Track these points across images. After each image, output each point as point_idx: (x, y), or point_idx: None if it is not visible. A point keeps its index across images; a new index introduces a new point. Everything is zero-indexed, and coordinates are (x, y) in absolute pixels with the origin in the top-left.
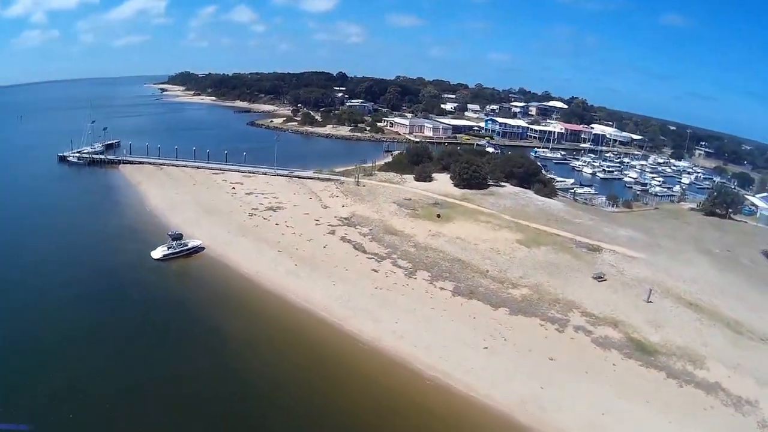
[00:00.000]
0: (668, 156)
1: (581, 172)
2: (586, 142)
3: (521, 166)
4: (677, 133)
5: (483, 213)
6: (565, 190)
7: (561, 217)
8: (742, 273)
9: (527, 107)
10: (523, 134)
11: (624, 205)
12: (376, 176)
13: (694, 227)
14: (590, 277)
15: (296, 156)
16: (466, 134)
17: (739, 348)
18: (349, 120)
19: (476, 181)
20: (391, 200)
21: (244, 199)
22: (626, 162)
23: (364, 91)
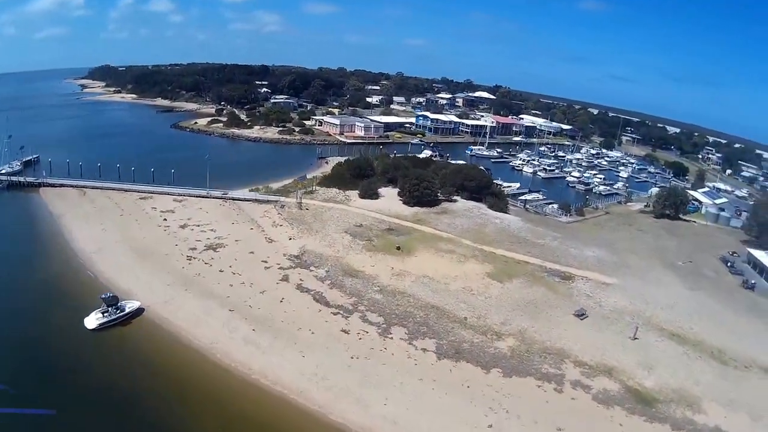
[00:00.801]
0: (599, 144)
1: (521, 172)
2: (518, 135)
3: (473, 178)
4: (603, 119)
5: (442, 239)
6: (514, 197)
7: (523, 238)
8: (710, 288)
9: (454, 99)
10: (455, 129)
11: (577, 212)
12: (317, 193)
13: (651, 236)
14: (571, 314)
15: (226, 168)
16: (397, 132)
17: (729, 381)
18: (276, 120)
19: (427, 198)
20: (342, 228)
21: (179, 234)
22: (561, 156)
23: (287, 85)
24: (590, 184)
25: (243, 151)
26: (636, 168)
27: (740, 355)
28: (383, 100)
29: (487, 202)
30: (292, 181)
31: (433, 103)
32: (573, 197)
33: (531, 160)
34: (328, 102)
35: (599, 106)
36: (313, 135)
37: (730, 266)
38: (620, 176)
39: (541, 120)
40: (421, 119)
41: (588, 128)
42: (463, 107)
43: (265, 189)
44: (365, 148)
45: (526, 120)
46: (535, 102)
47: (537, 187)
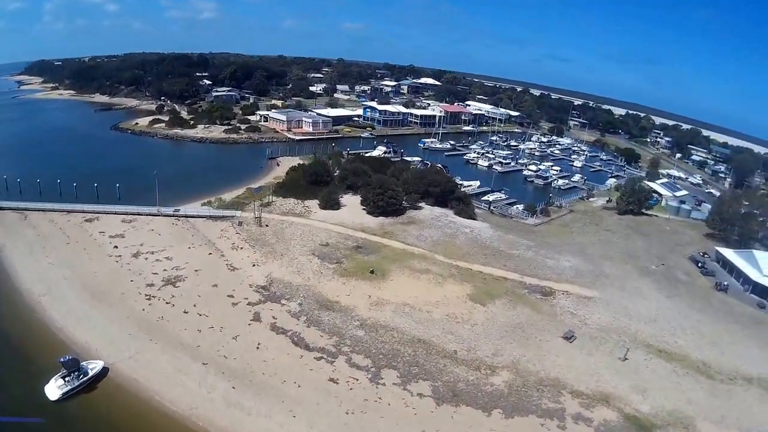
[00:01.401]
0: (548, 131)
1: (476, 165)
2: (467, 124)
3: (437, 184)
4: (550, 103)
5: (414, 255)
6: (476, 197)
7: (496, 248)
8: (686, 294)
9: (399, 86)
10: (404, 121)
11: (542, 212)
12: (274, 205)
13: (620, 236)
14: (559, 337)
15: (174, 177)
16: (346, 126)
17: (718, 397)
18: (220, 117)
19: (393, 208)
20: (308, 248)
21: (133, 266)
22: (514, 145)
23: (228, 76)
24: (548, 178)
25: (189, 155)
26: (588, 156)
27: (724, 367)
28: (327, 89)
29: (453, 208)
30: (245, 190)
31: (378, 92)
32: (532, 192)
33: (486, 153)
34: (270, 92)
35: (541, 87)
36: (260, 133)
37: (701, 267)
38: (574, 166)
39: (489, 106)
40: (369, 111)
41: (536, 114)
42: (408, 94)
43: (218, 202)
44: (317, 146)
45: (473, 107)
46: (479, 87)
47: (494, 183)
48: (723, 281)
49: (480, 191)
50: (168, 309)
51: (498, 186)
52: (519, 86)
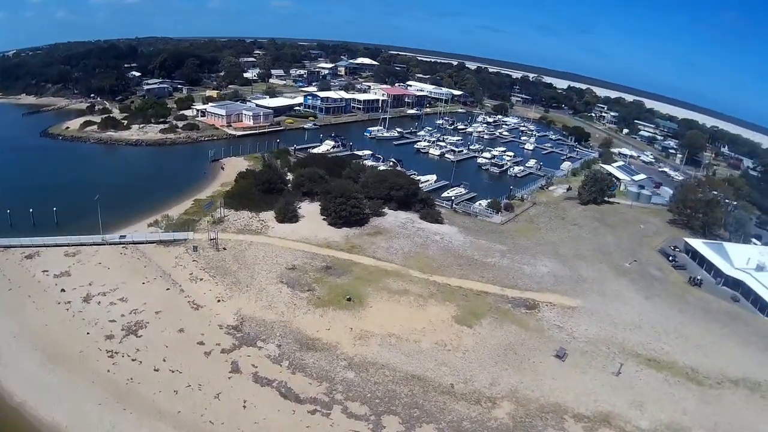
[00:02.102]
0: (492, 110)
1: (428, 155)
2: (411, 107)
3: (400, 187)
4: (490, 80)
5: (388, 273)
6: (434, 193)
7: (470, 257)
8: (663, 293)
9: (336, 68)
10: (347, 107)
11: (506, 208)
12: (228, 221)
13: (588, 231)
14: (552, 356)
15: (114, 192)
16: (288, 117)
17: (709, 404)
18: (155, 115)
19: (356, 217)
20: (274, 275)
21: (86, 313)
22: (462, 128)
23: (158, 66)
24: (503, 166)
25: (127, 162)
26: (537, 136)
27: (710, 371)
28: (261, 74)
29: (418, 212)
30: (192, 203)
31: (314, 75)
32: (488, 182)
33: (437, 141)
34: (203, 81)
35: (477, 59)
36: (198, 130)
37: (672, 260)
38: (526, 149)
39: (431, 86)
40: (310, 99)
41: (479, 92)
42: (346, 76)
43: (165, 221)
44: (259, 142)
45: (415, 87)
46: (416, 64)
47: (453, 176)
48: (696, 275)
49: (438, 186)
50: (136, 367)
51: (454, 178)
52: (454, 59)
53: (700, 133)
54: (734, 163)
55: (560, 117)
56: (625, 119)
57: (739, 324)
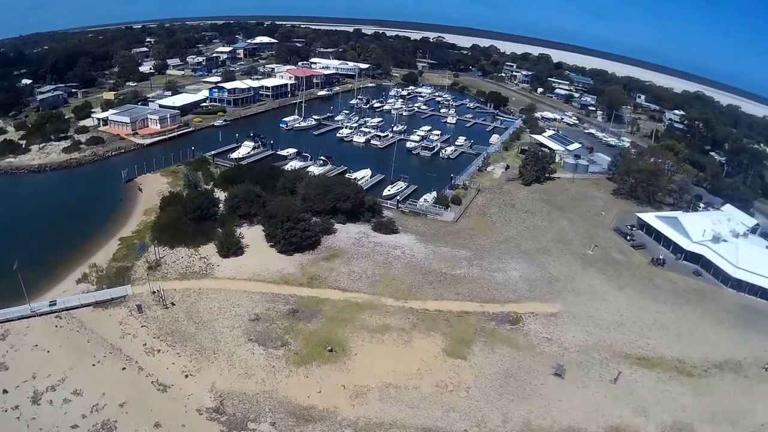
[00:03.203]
0: (402, 80)
1: (351, 143)
2: (320, 88)
3: (346, 197)
4: (392, 46)
5: (359, 306)
6: (373, 190)
7: (438, 271)
8: (632, 280)
9: (235, 51)
10: (255, 97)
11: (453, 201)
12: (165, 263)
13: (542, 217)
14: (551, 375)
15: (28, 241)
16: (195, 116)
17: (702, 394)
18: (54, 131)
19: (307, 242)
20: (239, 332)
21: (41, 420)
22: (378, 107)
23: (50, 70)
24: (434, 148)
25: (34, 195)
26: (454, 106)
27: (695, 358)
28: (157, 66)
29: (368, 222)
30: (119, 243)
31: (213, 61)
32: (420, 168)
33: (359, 126)
34: (98, 81)
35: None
36: (104, 144)
37: (630, 239)
38: (448, 123)
39: (336, 62)
40: (216, 92)
41: (386, 63)
42: (245, 59)
43: (94, 272)
44: (171, 149)
45: (320, 65)
46: (315, 37)
47: (377, 163)
48: (659, 255)
49: (375, 181)
50: None
51: (383, 167)
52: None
53: (619, 89)
54: (655, 115)
55: (472, 81)
56: (538, 78)
57: (708, 301)
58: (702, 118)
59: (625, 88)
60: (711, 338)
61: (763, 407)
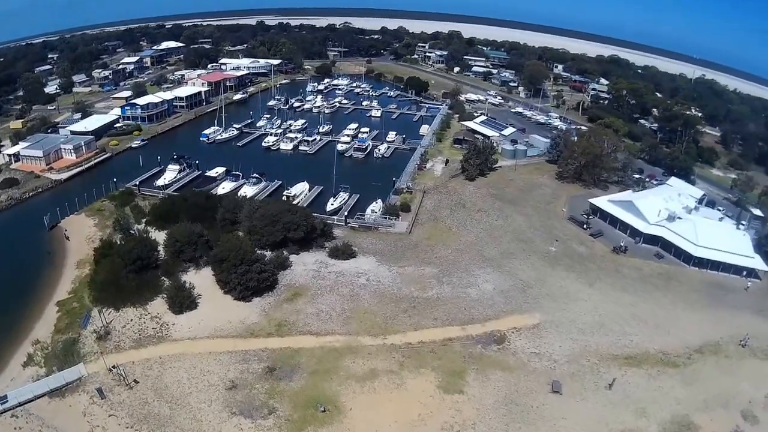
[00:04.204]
0: (315, 72)
1: (279, 151)
2: (236, 92)
3: (297, 225)
4: (302, 38)
5: (338, 351)
6: (314, 206)
7: (408, 296)
8: (601, 273)
9: (141, 60)
10: (170, 109)
11: (402, 209)
12: (115, 330)
13: (495, 216)
14: (549, 393)
15: None
16: (110, 138)
17: (690, 383)
18: None
19: (264, 283)
20: (219, 405)
21: None
22: (297, 106)
23: None
24: (366, 148)
25: None
26: (376, 96)
27: (676, 348)
28: (63, 84)
29: (322, 248)
30: (58, 311)
31: (120, 74)
32: (354, 171)
33: (284, 133)
34: (3, 107)
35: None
36: (19, 185)
37: (587, 228)
38: (373, 117)
39: (247, 60)
40: (129, 109)
41: (298, 56)
42: (153, 67)
43: (39, 351)
44: (92, 182)
45: (231, 65)
46: (222, 36)
47: (311, 172)
48: (619, 242)
49: (315, 195)
50: None
51: (340, 187)
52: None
53: (540, 63)
54: (578, 86)
55: (386, 66)
56: (453, 57)
57: (675, 285)
58: (630, 88)
59: (540, 59)
60: (686, 323)
61: (748, 385)
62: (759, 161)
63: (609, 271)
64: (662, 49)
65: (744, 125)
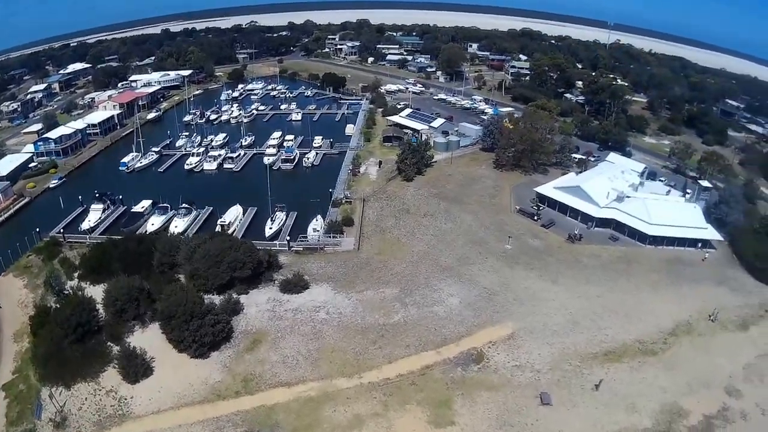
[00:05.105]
0: (228, 79)
1: (202, 172)
2: (149, 110)
3: (243, 263)
4: (208, 42)
5: (315, 400)
6: (251, 231)
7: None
8: (561, 267)
9: (49, 87)
10: (84, 139)
11: (345, 223)
12: (72, 415)
13: (443, 218)
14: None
15: None
16: (27, 180)
17: (671, 369)
18: None
19: (220, 336)
20: None
21: None
22: (213, 118)
23: None
24: (295, 158)
25: None
26: (292, 97)
27: (650, 334)
28: None
29: (273, 283)
30: (5, 397)
31: (29, 104)
32: (286, 185)
33: (206, 151)
34: None
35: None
36: None
37: (538, 219)
38: (294, 121)
39: (157, 74)
40: (42, 145)
41: (208, 63)
42: (62, 93)
43: None
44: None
45: (142, 81)
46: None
47: (240, 192)
48: (574, 231)
49: (251, 218)
50: None
51: (277, 206)
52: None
53: (457, 46)
54: (497, 65)
55: (299, 64)
56: (366, 47)
57: (636, 267)
58: (553, 64)
59: (454, 40)
60: (655, 306)
61: (724, 360)
62: (688, 123)
63: (569, 263)
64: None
65: (668, 89)
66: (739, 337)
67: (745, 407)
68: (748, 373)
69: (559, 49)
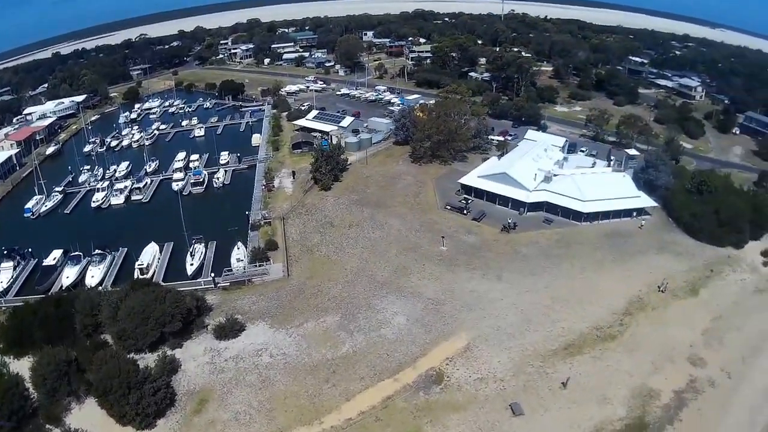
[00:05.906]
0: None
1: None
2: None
3: (172, 316)
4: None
5: None
6: (172, 270)
7: (323, 360)
8: (502, 262)
9: None
10: None
11: (269, 247)
12: None
13: (370, 226)
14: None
15: None
16: None
17: (633, 351)
18: None
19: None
20: None
21: None
22: (116, 146)
23: None
24: (204, 180)
25: None
26: (191, 111)
27: (604, 318)
28: None
29: (206, 329)
30: None
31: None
32: (200, 211)
33: (112, 185)
34: None
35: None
36: None
37: (467, 213)
38: (197, 137)
39: (51, 104)
40: None
41: (102, 86)
42: None
43: None
44: None
45: (37, 114)
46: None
47: (153, 227)
48: (507, 220)
49: (169, 255)
50: None
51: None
52: (40, 50)
53: (354, 38)
54: (396, 50)
55: (194, 73)
56: (261, 48)
57: (577, 248)
58: (455, 45)
59: (348, 30)
60: (604, 287)
61: (682, 330)
62: (597, 87)
63: (509, 256)
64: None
65: (572, 54)
66: (692, 303)
67: (712, 374)
68: (707, 338)
69: (455, 27)
